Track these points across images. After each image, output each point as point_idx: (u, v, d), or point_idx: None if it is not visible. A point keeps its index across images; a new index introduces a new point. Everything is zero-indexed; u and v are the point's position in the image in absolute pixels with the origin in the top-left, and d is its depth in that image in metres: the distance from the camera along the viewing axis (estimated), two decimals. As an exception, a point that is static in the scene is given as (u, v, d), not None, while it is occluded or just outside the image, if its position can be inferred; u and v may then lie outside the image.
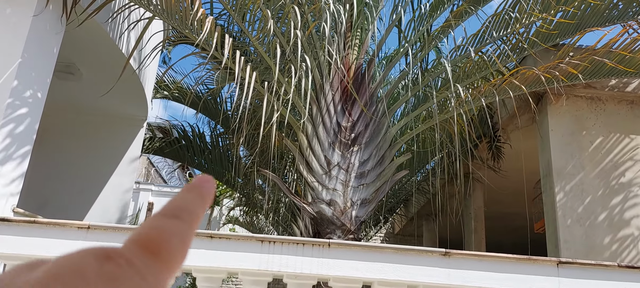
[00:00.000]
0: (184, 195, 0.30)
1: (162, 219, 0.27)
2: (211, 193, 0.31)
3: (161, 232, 0.26)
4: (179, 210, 0.28)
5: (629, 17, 4.62)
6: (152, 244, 0.26)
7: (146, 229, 0.26)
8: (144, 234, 0.26)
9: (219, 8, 5.45)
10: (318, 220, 4.55)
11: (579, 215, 4.94)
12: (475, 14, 4.85)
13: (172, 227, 0.27)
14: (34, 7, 3.56)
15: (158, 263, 0.25)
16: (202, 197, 0.30)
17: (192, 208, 0.29)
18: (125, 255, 0.25)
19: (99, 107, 6.07)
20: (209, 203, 0.31)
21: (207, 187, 0.31)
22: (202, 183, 0.31)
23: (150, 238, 0.26)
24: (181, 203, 0.29)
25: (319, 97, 4.71)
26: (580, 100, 5.36)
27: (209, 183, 0.31)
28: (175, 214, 0.28)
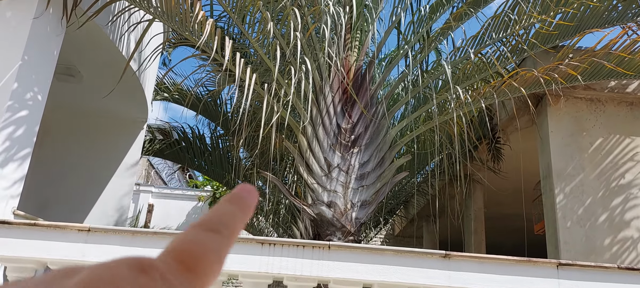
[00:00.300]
0: (224, 206, 0.29)
1: (201, 232, 0.26)
2: (253, 205, 0.30)
3: (198, 247, 0.26)
4: (218, 224, 0.27)
5: (629, 19, 4.62)
6: (189, 259, 0.25)
7: (184, 242, 0.26)
8: (181, 247, 0.25)
9: (219, 10, 5.46)
10: (318, 221, 4.55)
11: (579, 216, 4.94)
12: (475, 16, 4.86)
13: (210, 242, 0.26)
14: (34, 9, 3.57)
15: (192, 279, 0.25)
16: (243, 209, 0.29)
17: (232, 222, 0.28)
18: (160, 269, 0.24)
19: (99, 108, 6.08)
20: (250, 215, 0.30)
21: (249, 199, 0.30)
22: (244, 195, 0.30)
23: (187, 253, 0.25)
24: (221, 217, 0.28)
25: (319, 98, 4.71)
26: (580, 101, 5.36)
27: (252, 195, 0.30)
28: (214, 228, 0.27)
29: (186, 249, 0.25)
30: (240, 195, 0.30)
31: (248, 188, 0.30)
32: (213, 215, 0.28)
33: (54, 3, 3.70)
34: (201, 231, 0.26)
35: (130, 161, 6.43)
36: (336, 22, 4.61)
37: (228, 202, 0.29)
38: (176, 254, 0.25)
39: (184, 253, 0.25)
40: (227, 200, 0.29)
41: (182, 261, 0.25)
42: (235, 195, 0.30)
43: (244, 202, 0.29)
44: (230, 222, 0.28)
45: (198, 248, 0.25)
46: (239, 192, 0.30)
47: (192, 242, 0.26)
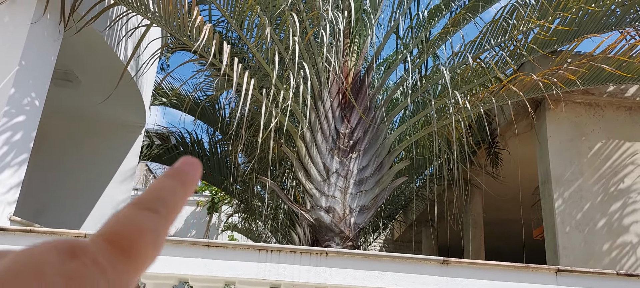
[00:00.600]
0: (164, 182, 0.26)
1: (137, 211, 0.24)
2: (195, 180, 0.27)
3: (133, 228, 0.24)
4: (156, 201, 0.25)
5: (627, 24, 4.63)
6: (122, 240, 0.23)
7: (117, 223, 0.24)
8: (114, 229, 0.24)
9: (217, 15, 5.46)
10: (317, 227, 4.54)
11: (577, 221, 4.93)
12: (473, 21, 4.86)
13: (146, 221, 0.24)
14: (32, 14, 3.56)
15: (126, 263, 0.23)
16: (185, 184, 0.27)
17: (172, 199, 0.26)
18: (91, 252, 0.22)
19: (97, 113, 6.06)
20: (192, 191, 0.27)
21: (191, 173, 0.27)
22: (185, 169, 0.27)
23: (121, 234, 0.23)
24: (160, 193, 0.26)
25: (318, 103, 4.70)
26: (579, 106, 5.36)
27: (193, 168, 0.28)
28: (152, 206, 0.25)
29: (120, 230, 0.23)
30: (181, 169, 0.27)
31: (190, 160, 0.28)
32: (151, 193, 0.26)
33: (51, 8, 3.69)
34: (137, 210, 0.24)
35: (128, 166, 6.41)
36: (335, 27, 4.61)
37: (168, 177, 0.27)
38: (109, 236, 0.23)
39: (118, 235, 0.23)
40: (167, 175, 0.27)
41: (116, 243, 0.23)
42: (176, 170, 0.27)
43: (186, 176, 0.27)
44: (169, 200, 0.26)
45: (133, 229, 0.24)
46: (180, 166, 0.27)
47: (127, 223, 0.24)
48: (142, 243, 0.23)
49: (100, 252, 0.22)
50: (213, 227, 15.81)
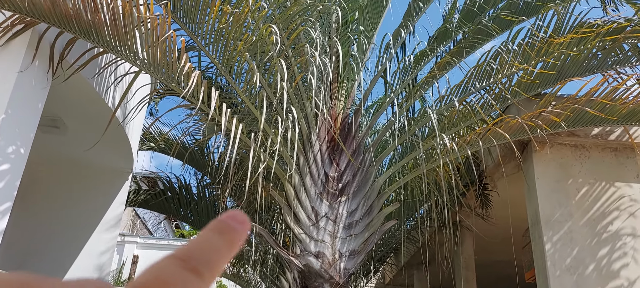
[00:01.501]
0: (210, 238, 0.24)
1: (179, 271, 0.22)
2: (242, 239, 0.26)
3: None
4: (200, 262, 0.23)
5: (608, 67, 4.74)
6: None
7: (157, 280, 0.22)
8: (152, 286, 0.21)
9: (206, 61, 5.51)
10: (306, 273, 4.46)
11: (568, 265, 4.90)
12: (458, 65, 4.96)
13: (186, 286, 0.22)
14: (20, 63, 3.56)
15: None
16: (232, 245, 0.25)
17: (216, 261, 0.24)
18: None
19: (84, 159, 6.00)
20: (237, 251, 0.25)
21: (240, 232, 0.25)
22: (234, 226, 0.25)
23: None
24: (205, 253, 0.23)
25: (306, 147, 4.71)
26: (565, 148, 5.42)
27: (243, 227, 0.26)
28: (196, 268, 0.23)
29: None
30: (230, 226, 0.25)
31: (240, 217, 0.26)
32: (196, 249, 0.23)
33: (40, 56, 3.70)
34: (180, 269, 0.22)
35: (114, 213, 6.31)
36: (323, 71, 4.67)
37: (218, 234, 0.25)
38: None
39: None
40: (214, 229, 0.25)
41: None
42: (224, 225, 0.25)
43: (234, 234, 0.25)
44: (213, 262, 0.24)
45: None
46: (229, 221, 0.25)
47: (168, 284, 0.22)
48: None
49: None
50: (201, 272, 15.47)
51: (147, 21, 3.51)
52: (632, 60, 4.69)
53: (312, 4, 4.51)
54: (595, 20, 4.58)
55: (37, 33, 3.65)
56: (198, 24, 4.08)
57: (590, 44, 4.47)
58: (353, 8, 5.27)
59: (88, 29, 3.42)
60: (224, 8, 3.93)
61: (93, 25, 3.36)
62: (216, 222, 0.25)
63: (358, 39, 5.35)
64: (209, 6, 3.91)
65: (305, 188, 4.58)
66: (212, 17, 3.95)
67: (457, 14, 5.26)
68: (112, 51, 3.71)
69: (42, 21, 3.41)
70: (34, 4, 3.17)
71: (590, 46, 4.48)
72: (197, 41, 4.20)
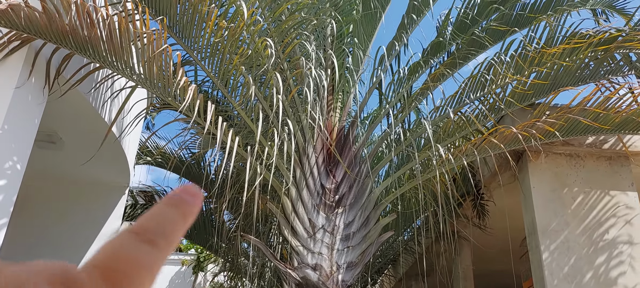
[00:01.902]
0: (166, 211, 0.25)
1: (136, 244, 0.23)
2: (196, 211, 0.26)
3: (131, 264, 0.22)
4: (157, 234, 0.24)
5: (601, 76, 4.79)
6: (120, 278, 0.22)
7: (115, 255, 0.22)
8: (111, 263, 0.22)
9: (202, 75, 5.54)
10: (304, 285, 4.45)
11: (565, 274, 4.91)
12: (452, 77, 5.00)
13: (145, 257, 0.23)
14: (17, 79, 3.58)
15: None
16: (186, 216, 0.25)
17: (172, 231, 0.24)
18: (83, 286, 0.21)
19: (81, 174, 6.00)
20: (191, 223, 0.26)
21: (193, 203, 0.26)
22: (187, 199, 0.26)
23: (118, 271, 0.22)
24: (161, 225, 0.24)
25: (303, 159, 4.72)
26: (560, 157, 5.45)
27: (196, 199, 0.26)
28: (152, 239, 0.23)
29: (117, 266, 0.22)
30: (183, 199, 0.26)
31: (193, 190, 0.26)
32: (151, 222, 0.24)
33: (36, 72, 3.72)
34: (137, 242, 0.23)
35: (111, 227, 6.30)
36: (318, 84, 4.70)
37: (170, 206, 0.25)
38: (105, 271, 0.22)
39: (115, 271, 0.22)
40: (169, 203, 0.25)
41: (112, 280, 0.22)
42: (179, 199, 0.26)
43: (188, 207, 0.26)
44: (169, 232, 0.24)
45: (131, 265, 0.22)
46: (182, 194, 0.26)
47: (125, 257, 0.22)
48: (138, 282, 0.22)
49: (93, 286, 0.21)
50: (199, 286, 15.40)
51: (143, 36, 3.54)
52: (624, 69, 4.74)
53: (307, 18, 4.56)
54: (586, 31, 4.63)
55: (34, 49, 3.68)
56: (194, 39, 4.11)
57: (583, 54, 4.52)
58: (347, 21, 5.32)
59: (84, 44, 3.44)
60: (220, 23, 3.97)
61: (89, 41, 3.39)
62: (169, 196, 0.26)
63: (353, 52, 5.40)
64: (204, 21, 3.94)
65: (302, 200, 4.59)
66: (208, 32, 3.99)
67: (451, 26, 5.32)
68: (109, 66, 3.73)
69: (38, 37, 3.44)
70: (31, 21, 3.20)
71: (583, 56, 4.53)
72: (193, 55, 4.23)
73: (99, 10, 3.24)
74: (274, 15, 4.51)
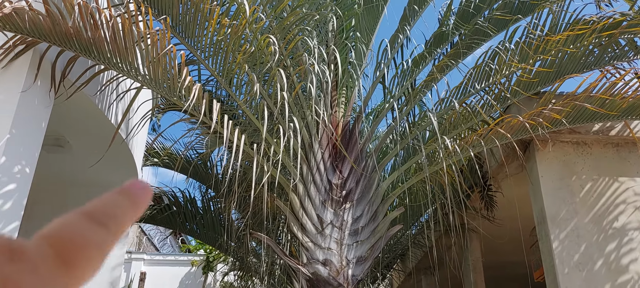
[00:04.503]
0: (115, 198, 0.26)
1: (86, 223, 0.23)
2: (145, 202, 0.27)
3: (80, 240, 0.22)
4: (107, 216, 0.25)
5: (606, 63, 4.76)
6: (68, 251, 0.22)
7: (64, 230, 0.23)
8: (61, 236, 0.22)
9: (206, 74, 5.56)
10: (314, 281, 4.46)
11: (576, 262, 4.88)
12: (457, 68, 4.98)
13: (94, 236, 0.23)
14: (23, 83, 3.60)
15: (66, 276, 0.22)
16: (135, 206, 0.27)
17: (122, 217, 0.25)
18: (32, 257, 0.21)
19: (89, 177, 6.04)
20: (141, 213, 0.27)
21: (142, 194, 0.27)
22: (136, 190, 0.27)
23: (67, 245, 0.22)
24: (111, 209, 0.25)
25: (309, 156, 4.73)
26: (567, 145, 5.42)
27: (145, 191, 0.28)
28: (102, 220, 0.24)
29: (66, 240, 0.22)
30: (133, 190, 0.27)
31: (142, 184, 0.28)
32: (102, 206, 0.25)
33: (42, 76, 3.75)
34: (86, 221, 0.24)
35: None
36: (322, 80, 4.70)
37: (120, 195, 0.26)
38: (54, 243, 0.22)
39: (64, 245, 0.22)
40: (120, 192, 0.26)
41: (60, 252, 0.22)
42: (128, 190, 0.27)
43: (138, 197, 0.27)
44: (119, 216, 0.25)
45: (80, 241, 0.22)
46: (131, 187, 0.27)
47: (75, 233, 0.23)
48: (87, 258, 0.23)
49: (42, 260, 0.21)
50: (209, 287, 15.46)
51: (147, 37, 3.55)
52: (629, 55, 4.71)
53: (309, 13, 4.56)
54: (590, 17, 4.60)
55: (39, 53, 3.70)
56: (197, 38, 4.12)
57: (587, 41, 4.49)
58: (349, 15, 5.31)
59: (89, 46, 3.46)
60: (222, 21, 3.98)
61: (93, 43, 3.41)
62: (119, 187, 0.27)
63: (355, 46, 5.39)
64: (207, 20, 3.95)
65: (309, 196, 4.60)
66: (211, 30, 4.00)
67: (453, 16, 5.29)
68: (113, 68, 3.75)
69: (43, 40, 3.46)
70: (35, 24, 3.22)
71: (587, 43, 4.50)
72: (197, 55, 4.25)
73: (102, 12, 3.26)
74: (275, 12, 4.51)
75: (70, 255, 0.22)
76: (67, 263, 0.22)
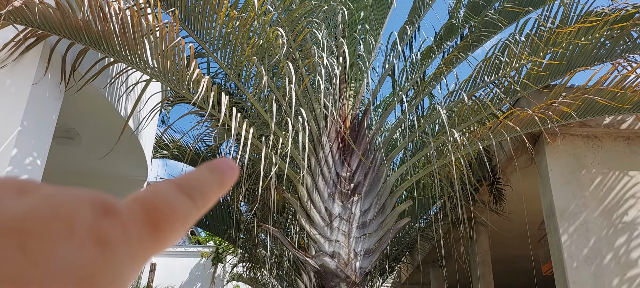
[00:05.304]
0: (205, 174, 0.27)
1: (176, 193, 0.24)
2: (232, 181, 0.28)
3: (169, 208, 0.24)
4: (194, 190, 0.25)
5: (617, 55, 4.70)
6: (157, 216, 0.23)
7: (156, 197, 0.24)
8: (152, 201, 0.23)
9: (215, 66, 5.57)
10: (322, 273, 4.48)
11: (585, 256, 4.86)
12: (466, 60, 4.95)
13: (183, 206, 0.24)
14: (33, 75, 3.64)
15: (153, 239, 0.23)
16: (222, 184, 0.27)
17: (208, 193, 0.26)
18: (124, 217, 0.22)
19: (99, 169, 6.09)
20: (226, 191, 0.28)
21: (230, 174, 0.28)
22: (225, 169, 0.28)
23: (158, 210, 0.23)
24: (199, 184, 0.26)
25: (317, 148, 4.73)
26: (577, 138, 5.38)
27: (233, 171, 0.28)
28: (191, 193, 0.25)
29: (157, 206, 0.23)
30: (223, 169, 0.28)
31: (230, 163, 0.28)
32: (193, 180, 0.26)
33: (52, 68, 3.78)
34: (177, 192, 0.24)
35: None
36: (330, 72, 4.70)
37: (210, 172, 0.27)
38: (146, 206, 0.23)
39: (154, 210, 0.23)
40: (209, 169, 0.27)
41: (150, 215, 0.23)
42: (218, 167, 0.28)
43: (224, 175, 0.27)
44: (206, 192, 0.26)
45: (170, 209, 0.24)
46: (221, 165, 0.28)
47: (165, 201, 0.24)
48: (173, 226, 0.24)
49: (133, 220, 0.22)
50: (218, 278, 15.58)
51: (155, 29, 3.56)
52: (642, 47, 4.64)
53: (318, 5, 4.55)
54: (602, 9, 4.54)
55: (49, 45, 3.73)
56: (206, 30, 4.13)
57: (598, 33, 4.44)
58: (358, 8, 5.29)
59: (98, 39, 3.48)
60: (231, 13, 3.98)
61: (103, 36, 3.43)
62: (209, 164, 0.28)
63: (364, 39, 5.37)
64: (216, 12, 3.95)
65: (317, 189, 4.61)
66: (219, 23, 4.00)
67: (463, 8, 5.25)
68: (123, 60, 3.77)
69: (53, 33, 3.48)
70: (45, 17, 3.24)
71: (598, 35, 4.45)
72: (206, 47, 4.26)
73: (111, 4, 3.28)
74: (284, 4, 4.51)
75: (159, 221, 0.23)
76: (156, 228, 0.23)
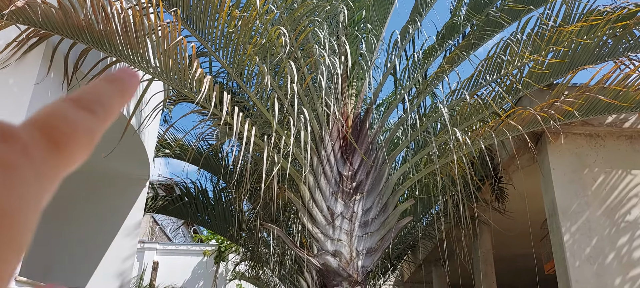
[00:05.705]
0: (103, 85, 0.26)
1: (74, 108, 0.23)
2: (133, 89, 0.27)
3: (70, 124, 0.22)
4: (95, 103, 0.24)
5: (620, 54, 4.68)
6: (58, 135, 0.22)
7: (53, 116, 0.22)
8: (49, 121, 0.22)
9: (217, 66, 5.57)
10: (324, 272, 4.49)
11: (587, 255, 4.85)
12: (468, 59, 4.94)
13: (83, 120, 0.23)
14: (36, 75, 3.65)
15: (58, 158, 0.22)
16: (123, 92, 0.26)
17: (109, 103, 0.25)
18: (22, 140, 0.21)
19: (101, 169, 6.11)
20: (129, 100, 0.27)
21: (130, 82, 0.27)
22: (124, 77, 0.27)
23: (56, 128, 0.22)
24: (99, 96, 0.25)
25: (319, 147, 4.74)
26: (579, 137, 5.36)
27: (133, 79, 0.28)
28: (90, 107, 0.24)
29: (56, 124, 0.22)
30: (121, 77, 0.27)
31: (131, 72, 0.28)
32: (89, 93, 0.25)
33: (54, 68, 3.79)
34: (74, 107, 0.23)
35: (133, 221, 6.41)
36: (332, 71, 4.69)
37: (107, 82, 0.26)
38: (42, 126, 0.22)
39: (53, 128, 0.22)
40: (107, 80, 0.26)
41: (50, 136, 0.22)
42: (116, 77, 0.27)
43: (125, 84, 0.27)
44: (107, 103, 0.25)
45: (69, 125, 0.22)
46: (119, 74, 0.27)
47: (63, 118, 0.23)
48: (76, 142, 0.23)
49: (33, 142, 0.21)
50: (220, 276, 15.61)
51: (157, 29, 3.57)
52: (644, 45, 4.63)
53: (320, 4, 4.54)
54: (604, 7, 4.53)
55: (51, 45, 3.74)
56: (208, 30, 4.13)
57: (601, 32, 4.43)
58: (360, 7, 5.28)
59: (100, 38, 3.49)
60: (233, 13, 3.98)
61: (105, 35, 3.43)
62: (107, 74, 0.27)
63: (366, 38, 5.37)
64: (217, 11, 3.96)
65: (320, 188, 4.61)
66: (221, 22, 4.00)
67: (465, 7, 5.24)
68: (125, 60, 3.78)
69: (55, 33, 3.49)
70: (47, 17, 3.25)
71: (601, 33, 4.44)
72: (208, 46, 4.26)
73: (113, 4, 3.28)
74: (286, 3, 4.51)
75: (59, 139, 0.22)
76: (59, 147, 0.22)
